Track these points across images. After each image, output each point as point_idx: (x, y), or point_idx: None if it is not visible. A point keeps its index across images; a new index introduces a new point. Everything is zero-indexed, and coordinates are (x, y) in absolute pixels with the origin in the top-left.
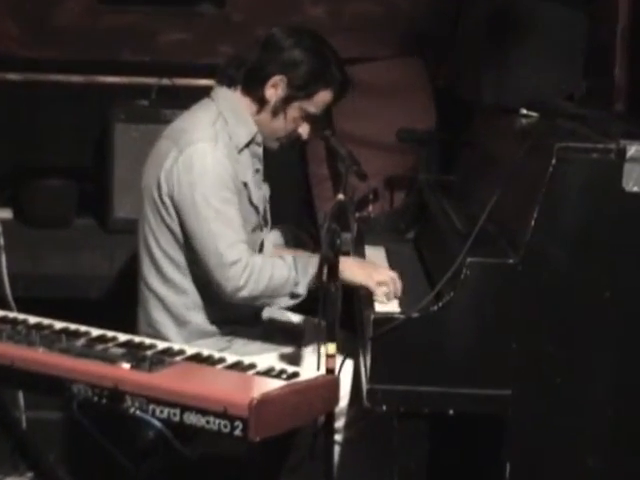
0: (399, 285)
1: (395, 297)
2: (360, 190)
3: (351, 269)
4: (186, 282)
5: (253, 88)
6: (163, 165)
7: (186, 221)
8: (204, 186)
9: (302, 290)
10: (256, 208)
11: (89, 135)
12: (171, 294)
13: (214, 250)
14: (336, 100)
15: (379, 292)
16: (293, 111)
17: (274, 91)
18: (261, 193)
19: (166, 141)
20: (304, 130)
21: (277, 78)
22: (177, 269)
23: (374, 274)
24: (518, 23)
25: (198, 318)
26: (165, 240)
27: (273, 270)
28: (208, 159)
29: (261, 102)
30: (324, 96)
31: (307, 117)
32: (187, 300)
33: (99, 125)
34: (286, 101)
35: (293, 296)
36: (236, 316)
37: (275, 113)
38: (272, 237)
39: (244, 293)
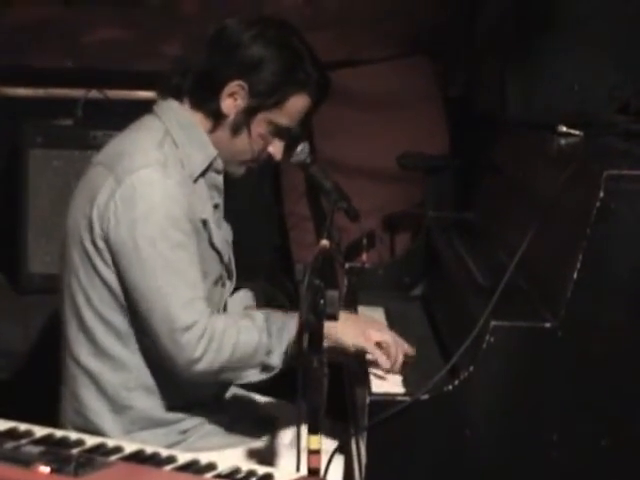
0: (407, 348)
1: (399, 367)
2: (351, 233)
3: (341, 328)
4: (128, 354)
5: (205, 99)
6: (96, 199)
7: (126, 272)
8: (150, 226)
9: (277, 360)
10: (219, 253)
11: None
12: (107, 370)
13: (163, 311)
14: (315, 106)
15: (378, 355)
16: (259, 125)
17: (232, 101)
18: (222, 235)
19: (99, 169)
20: (276, 149)
21: (234, 84)
22: (115, 337)
23: (371, 332)
24: (554, 13)
25: (142, 402)
26: (99, 298)
27: (239, 335)
28: (155, 190)
29: (216, 116)
30: (298, 102)
31: (278, 132)
32: (128, 378)
33: (7, 152)
34: (249, 113)
35: (265, 368)
36: (192, 399)
37: (236, 130)
38: (242, 296)
39: (202, 366)
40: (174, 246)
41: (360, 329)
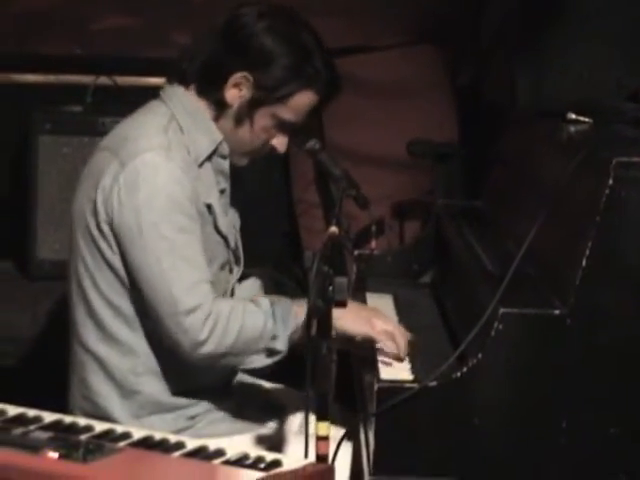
0: (408, 335)
1: (405, 353)
2: (360, 221)
3: (344, 317)
4: (135, 339)
5: (210, 87)
6: (100, 183)
7: (130, 256)
8: (153, 210)
9: (281, 346)
10: (224, 238)
11: (3, 152)
12: (115, 355)
13: (167, 295)
14: (322, 103)
15: (386, 341)
16: (262, 118)
17: (237, 92)
18: (228, 221)
19: (104, 153)
20: (280, 142)
21: (240, 75)
22: (122, 321)
23: (375, 321)
24: (562, 5)
25: (151, 387)
26: (106, 283)
27: (244, 319)
28: (159, 174)
29: (220, 105)
30: (304, 99)
31: (282, 126)
32: (136, 363)
33: (17, 138)
34: (252, 105)
35: (270, 353)
36: (201, 384)
37: (239, 120)
38: (250, 285)
39: (207, 349)
40: (178, 229)
41: (364, 318)
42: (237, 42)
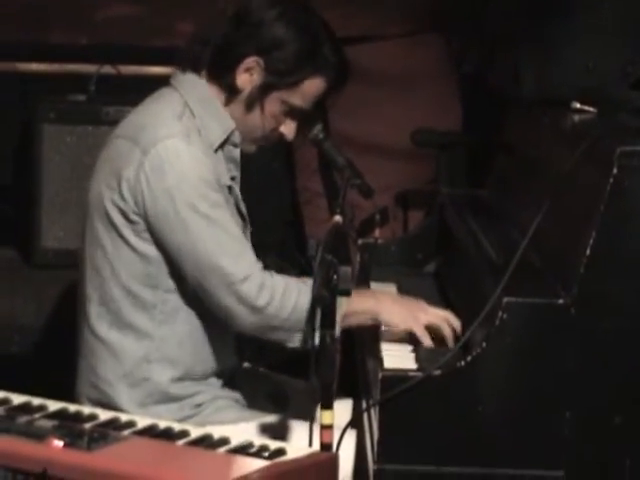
0: (457, 324)
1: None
2: (364, 209)
3: (390, 309)
4: (152, 324)
5: (222, 72)
6: (123, 173)
7: (171, 241)
8: (185, 190)
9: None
10: (245, 220)
11: (8, 141)
12: (129, 342)
13: (217, 270)
14: (331, 90)
15: (426, 340)
16: (272, 104)
17: (248, 77)
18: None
19: (121, 142)
20: (288, 129)
21: (251, 60)
22: (140, 308)
23: (421, 315)
24: None
25: (161, 374)
26: (127, 270)
27: (299, 297)
28: (182, 157)
29: (231, 91)
30: (314, 85)
31: (291, 112)
32: (151, 348)
33: (21, 127)
34: (263, 90)
35: None
36: (209, 372)
37: (249, 106)
38: None
39: (263, 318)
40: (213, 205)
41: (410, 311)
42: (249, 27)
